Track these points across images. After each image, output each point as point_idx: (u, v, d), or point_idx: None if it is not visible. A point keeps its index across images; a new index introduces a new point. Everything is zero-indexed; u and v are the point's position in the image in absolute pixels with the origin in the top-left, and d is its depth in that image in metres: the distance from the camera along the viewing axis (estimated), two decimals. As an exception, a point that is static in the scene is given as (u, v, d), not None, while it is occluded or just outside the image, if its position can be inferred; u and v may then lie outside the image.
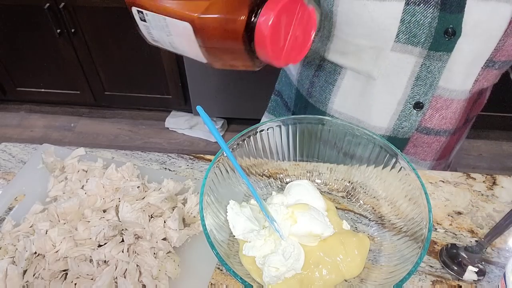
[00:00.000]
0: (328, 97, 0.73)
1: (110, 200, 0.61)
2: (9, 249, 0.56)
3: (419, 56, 0.62)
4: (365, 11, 0.59)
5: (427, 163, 0.78)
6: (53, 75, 2.00)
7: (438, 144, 0.74)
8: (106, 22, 1.76)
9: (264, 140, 0.62)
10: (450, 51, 0.61)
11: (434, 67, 0.63)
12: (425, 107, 0.68)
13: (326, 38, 0.68)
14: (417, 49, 0.61)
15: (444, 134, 0.73)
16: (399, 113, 0.69)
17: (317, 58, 0.72)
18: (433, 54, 0.61)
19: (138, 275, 0.53)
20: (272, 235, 0.53)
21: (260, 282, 0.51)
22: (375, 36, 0.62)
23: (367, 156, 0.61)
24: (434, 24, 0.59)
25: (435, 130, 0.71)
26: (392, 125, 0.70)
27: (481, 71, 0.64)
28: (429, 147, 0.74)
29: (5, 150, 0.74)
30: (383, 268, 0.53)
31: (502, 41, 0.60)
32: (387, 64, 0.64)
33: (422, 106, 0.67)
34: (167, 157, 0.73)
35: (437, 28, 0.59)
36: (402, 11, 0.58)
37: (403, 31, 0.60)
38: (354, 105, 0.71)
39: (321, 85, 0.73)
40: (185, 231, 0.58)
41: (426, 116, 0.69)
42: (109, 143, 2.09)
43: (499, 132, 2.03)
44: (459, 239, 0.60)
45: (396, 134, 0.71)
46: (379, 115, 0.70)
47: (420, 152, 0.75)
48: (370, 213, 0.61)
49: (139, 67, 1.92)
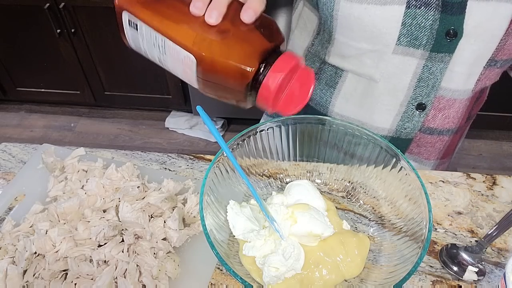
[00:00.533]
0: (329, 100, 0.73)
1: (110, 200, 0.61)
2: (9, 249, 0.56)
3: (421, 58, 0.62)
4: (365, 15, 0.59)
5: (431, 162, 0.78)
6: (53, 75, 2.00)
7: (441, 143, 0.74)
8: (106, 22, 1.76)
9: (264, 140, 0.62)
10: (452, 52, 0.61)
11: (436, 68, 0.63)
12: (427, 108, 0.68)
13: (326, 42, 0.68)
14: (419, 51, 0.61)
15: (447, 134, 0.73)
16: (401, 114, 0.69)
17: (318, 61, 0.72)
18: (434, 56, 0.61)
19: (138, 275, 0.53)
20: (272, 235, 0.53)
21: (260, 282, 0.51)
22: (376, 39, 0.62)
23: (367, 156, 0.60)
24: (435, 26, 0.58)
25: (438, 130, 0.71)
26: (395, 126, 0.70)
27: (483, 71, 0.64)
28: (432, 147, 0.74)
29: (5, 150, 0.74)
30: (383, 268, 0.53)
31: (504, 40, 0.60)
32: (389, 66, 0.64)
33: (424, 107, 0.67)
34: (167, 157, 0.73)
35: (439, 30, 0.59)
36: (403, 15, 0.58)
37: (404, 34, 0.60)
38: (356, 107, 0.71)
39: (321, 88, 0.73)
40: (185, 231, 0.58)
41: (429, 117, 0.69)
42: (109, 143, 2.09)
43: (499, 132, 2.03)
44: (459, 239, 0.60)
45: (399, 135, 0.71)
46: (382, 116, 0.70)
47: (423, 151, 0.75)
48: (370, 213, 0.61)
49: (139, 67, 1.92)
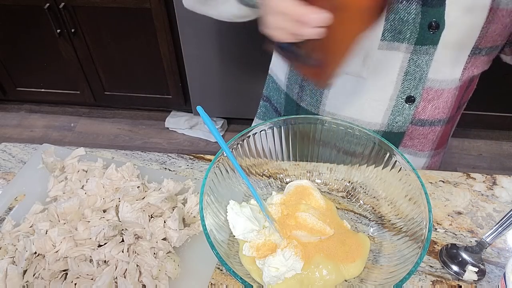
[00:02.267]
0: (320, 99, 0.74)
1: (110, 200, 0.61)
2: (9, 249, 0.56)
3: (406, 52, 0.63)
4: None
5: (425, 153, 0.78)
6: (53, 75, 2.00)
7: (434, 134, 0.75)
8: (106, 22, 1.76)
9: (264, 140, 0.62)
10: (436, 43, 0.62)
11: (421, 60, 0.64)
12: (417, 100, 0.69)
13: None
14: (404, 45, 0.62)
15: (438, 124, 0.74)
16: (392, 109, 0.70)
17: None
18: (419, 49, 0.63)
19: (138, 275, 0.53)
20: (272, 235, 0.53)
21: (260, 282, 0.51)
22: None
23: (360, 152, 0.61)
24: (418, 20, 0.60)
25: (430, 121, 0.72)
26: (386, 120, 0.71)
27: (468, 59, 0.66)
28: (425, 138, 0.75)
29: (5, 150, 0.74)
30: (383, 268, 0.53)
31: (485, 28, 0.61)
32: (376, 62, 0.65)
33: (414, 100, 0.68)
34: (167, 157, 0.73)
35: (421, 23, 0.60)
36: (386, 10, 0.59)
37: (388, 29, 0.61)
38: (347, 104, 0.72)
39: (311, 89, 0.74)
40: (185, 231, 0.58)
41: (419, 109, 0.70)
42: (109, 143, 2.09)
43: (499, 132, 2.03)
44: (459, 239, 0.60)
45: (391, 129, 0.72)
46: (372, 112, 0.71)
47: (417, 144, 0.76)
48: (370, 213, 0.61)
49: (139, 67, 1.92)
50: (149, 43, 1.75)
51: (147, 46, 1.79)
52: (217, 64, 1.75)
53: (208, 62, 1.75)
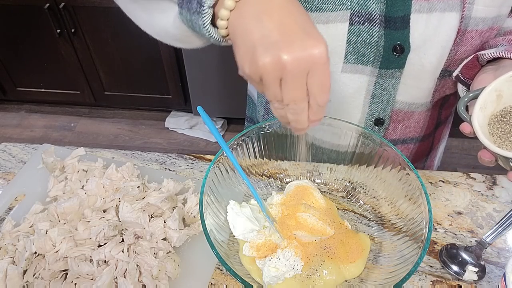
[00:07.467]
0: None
1: (110, 200, 0.61)
2: (9, 249, 0.56)
3: (371, 75, 0.61)
4: None
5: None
6: (53, 75, 2.00)
7: (407, 151, 0.73)
8: (106, 22, 1.76)
9: (263, 141, 0.62)
10: (402, 67, 0.60)
11: (388, 84, 0.62)
12: (386, 122, 0.67)
13: None
14: (368, 68, 0.60)
15: (411, 142, 0.72)
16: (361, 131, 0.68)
17: None
18: (384, 72, 0.60)
19: (138, 275, 0.53)
20: (272, 235, 0.53)
21: (260, 282, 0.51)
22: None
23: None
24: (381, 43, 0.57)
25: (401, 139, 0.71)
26: (357, 143, 0.69)
27: (438, 82, 0.63)
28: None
29: (5, 150, 0.74)
30: (383, 268, 0.53)
31: (454, 50, 0.58)
32: (340, 86, 0.63)
33: (383, 122, 0.66)
34: (167, 157, 0.73)
35: (385, 46, 0.57)
36: (347, 32, 0.57)
37: (350, 52, 0.59)
38: (317, 130, 0.69)
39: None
40: (185, 231, 0.58)
41: (389, 130, 0.68)
42: (109, 143, 2.09)
43: (499, 132, 2.03)
44: (459, 239, 0.60)
45: (362, 150, 0.71)
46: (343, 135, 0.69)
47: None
48: (370, 213, 0.61)
49: (139, 67, 1.92)
50: (149, 43, 1.75)
51: (147, 46, 1.79)
52: (217, 64, 1.75)
53: (208, 62, 1.75)
